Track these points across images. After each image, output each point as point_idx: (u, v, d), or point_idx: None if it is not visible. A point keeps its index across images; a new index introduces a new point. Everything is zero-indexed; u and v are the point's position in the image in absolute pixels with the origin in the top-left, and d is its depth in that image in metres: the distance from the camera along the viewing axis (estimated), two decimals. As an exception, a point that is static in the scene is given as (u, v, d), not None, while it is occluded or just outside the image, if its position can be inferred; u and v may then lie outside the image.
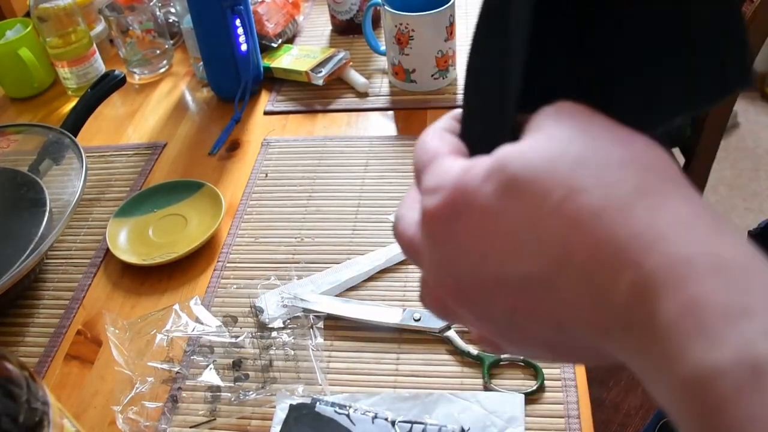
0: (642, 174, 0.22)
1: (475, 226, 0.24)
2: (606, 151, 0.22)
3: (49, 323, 0.71)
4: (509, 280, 0.23)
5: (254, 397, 0.61)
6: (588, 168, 0.22)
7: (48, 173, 0.81)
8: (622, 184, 0.22)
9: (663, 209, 0.21)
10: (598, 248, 0.21)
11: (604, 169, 0.22)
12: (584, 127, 0.23)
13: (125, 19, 1.04)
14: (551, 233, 0.22)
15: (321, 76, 0.97)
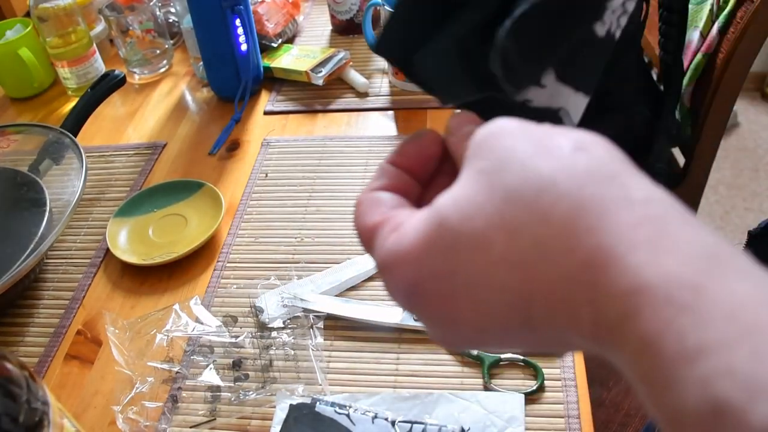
0: (575, 188, 0.21)
1: (434, 291, 0.24)
2: (536, 173, 0.22)
3: (49, 323, 0.71)
4: (486, 332, 0.24)
5: (254, 397, 0.61)
6: (518, 203, 0.22)
7: (48, 173, 0.81)
8: (555, 208, 0.21)
9: (602, 227, 0.20)
10: (553, 289, 0.21)
11: (536, 199, 0.21)
12: (511, 154, 0.23)
13: (125, 19, 1.04)
14: (507, 281, 0.22)
15: (321, 76, 0.97)
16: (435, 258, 0.23)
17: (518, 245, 0.21)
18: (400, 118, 0.94)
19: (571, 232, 0.21)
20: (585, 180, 0.21)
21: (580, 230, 0.20)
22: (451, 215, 0.23)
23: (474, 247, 0.22)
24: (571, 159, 0.22)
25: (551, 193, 0.21)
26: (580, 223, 0.21)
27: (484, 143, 0.24)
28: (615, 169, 0.22)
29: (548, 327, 0.22)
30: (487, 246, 0.22)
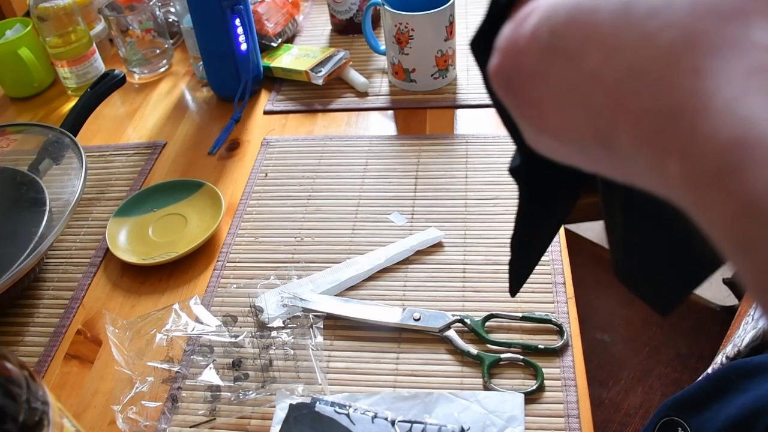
0: (690, 18, 0.18)
1: (525, 91, 0.23)
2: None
3: (49, 323, 0.71)
4: (566, 144, 0.23)
5: (254, 396, 0.61)
6: (623, 21, 0.20)
7: (48, 173, 0.81)
8: (662, 36, 0.19)
9: (710, 69, 0.18)
10: (641, 123, 0.19)
11: (644, 20, 0.19)
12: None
13: (125, 19, 1.04)
14: (595, 103, 0.21)
15: (321, 76, 0.97)
16: (533, 56, 0.22)
17: (613, 66, 0.20)
18: (399, 118, 0.94)
19: (673, 67, 0.18)
20: (705, 11, 0.18)
21: (683, 68, 0.18)
22: (556, 15, 0.22)
23: (569, 57, 0.21)
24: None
25: (662, 17, 0.19)
26: (686, 60, 0.18)
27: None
28: (745, 3, 0.19)
29: (630, 160, 0.20)
30: (583, 57, 0.21)
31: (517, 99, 0.24)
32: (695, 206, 0.19)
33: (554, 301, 0.66)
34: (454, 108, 0.93)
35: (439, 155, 0.86)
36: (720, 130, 0.17)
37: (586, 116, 0.21)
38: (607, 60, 0.20)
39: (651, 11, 0.19)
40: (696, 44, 0.18)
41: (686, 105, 0.18)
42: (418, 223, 0.77)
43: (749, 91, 0.17)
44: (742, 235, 0.17)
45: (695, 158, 0.18)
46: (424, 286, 0.69)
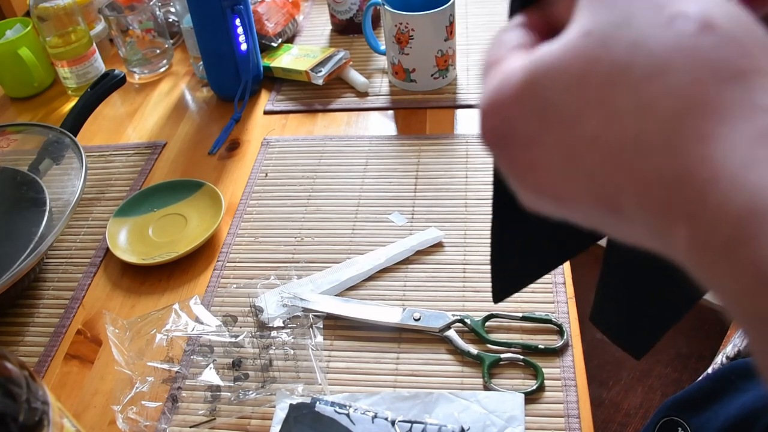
0: (691, 82, 0.18)
1: (520, 154, 0.22)
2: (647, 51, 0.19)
3: (49, 323, 0.71)
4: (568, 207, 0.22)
5: (254, 396, 0.61)
6: (622, 85, 0.19)
7: (48, 173, 0.81)
8: (664, 101, 0.18)
9: (717, 136, 0.17)
10: (647, 190, 0.19)
11: (643, 84, 0.18)
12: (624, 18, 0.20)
13: (125, 19, 1.04)
14: (596, 169, 0.20)
15: (321, 76, 0.97)
16: (524, 119, 0.21)
17: (614, 132, 0.19)
18: (399, 118, 0.94)
19: (678, 134, 0.18)
20: (706, 74, 0.18)
21: (689, 134, 0.18)
22: (546, 75, 0.21)
23: (565, 121, 0.20)
24: (694, 41, 0.18)
25: (662, 81, 0.18)
26: (691, 126, 0.18)
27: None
28: (744, 63, 0.18)
29: (634, 224, 0.20)
30: (580, 123, 0.20)
31: (511, 162, 0.23)
32: (703, 273, 0.18)
33: (554, 301, 0.66)
34: (454, 108, 0.93)
35: (440, 155, 0.86)
36: (731, 199, 0.17)
37: (587, 181, 0.20)
38: (607, 126, 0.19)
39: (649, 74, 0.19)
40: (699, 109, 0.18)
41: (694, 172, 0.17)
42: (418, 223, 0.77)
43: (758, 158, 0.17)
44: (756, 308, 0.16)
45: (704, 226, 0.17)
46: (424, 286, 0.69)
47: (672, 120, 0.18)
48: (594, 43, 0.20)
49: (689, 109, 0.18)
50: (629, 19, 0.19)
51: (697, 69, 0.18)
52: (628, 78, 0.19)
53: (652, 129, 0.18)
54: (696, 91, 0.18)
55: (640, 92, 0.19)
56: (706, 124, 0.18)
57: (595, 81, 0.19)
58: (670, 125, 0.18)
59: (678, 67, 0.18)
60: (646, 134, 0.18)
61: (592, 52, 0.20)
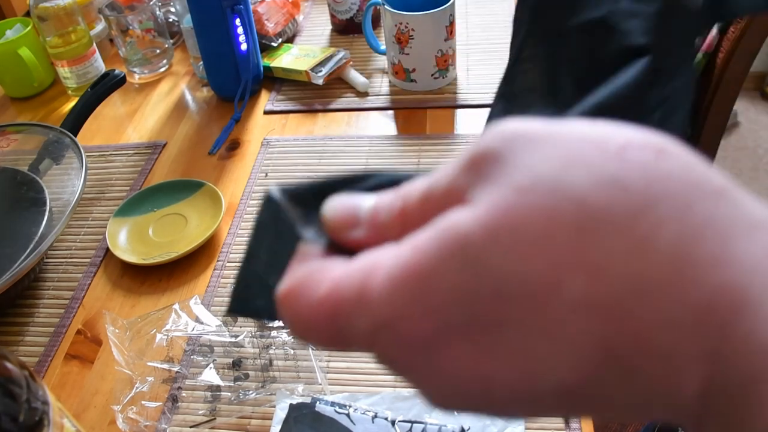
0: (681, 206, 0.16)
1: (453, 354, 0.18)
2: (620, 187, 0.17)
3: (49, 323, 0.71)
4: (525, 399, 0.18)
5: (254, 396, 0.61)
6: (602, 232, 0.16)
7: (48, 173, 0.81)
8: (659, 234, 0.16)
9: (729, 259, 0.16)
10: (648, 339, 0.16)
11: (630, 223, 0.16)
12: (567, 160, 0.17)
13: (125, 19, 1.04)
14: (577, 333, 0.17)
15: (321, 76, 0.97)
16: (461, 301, 0.17)
17: (604, 286, 0.16)
18: (400, 118, 0.94)
19: (685, 265, 0.16)
20: (690, 195, 0.16)
21: (699, 262, 0.16)
22: (483, 246, 0.17)
23: (529, 294, 0.17)
24: (661, 167, 0.17)
25: (652, 214, 0.16)
26: (699, 253, 0.16)
27: (510, 149, 0.18)
28: (717, 179, 0.17)
29: (623, 390, 0.17)
30: (557, 289, 0.16)
31: (439, 360, 0.18)
32: (713, 420, 0.16)
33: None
34: (454, 108, 0.93)
35: (440, 155, 0.85)
36: (755, 333, 0.15)
37: (565, 349, 0.17)
38: (594, 282, 0.16)
39: (634, 211, 0.16)
40: (702, 234, 0.16)
41: (715, 303, 0.15)
42: (419, 223, 0.76)
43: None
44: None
45: (729, 362, 0.15)
46: (424, 286, 0.69)
47: (674, 252, 0.16)
48: (542, 195, 0.17)
49: (690, 235, 0.16)
50: (571, 163, 0.17)
51: (681, 193, 0.16)
52: (607, 221, 0.16)
53: (651, 268, 0.16)
54: (690, 214, 0.16)
55: (628, 232, 0.16)
56: (715, 247, 0.16)
57: (564, 236, 0.16)
58: (672, 259, 0.16)
59: (662, 196, 0.16)
60: (645, 276, 0.16)
61: (546, 204, 0.17)
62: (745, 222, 0.16)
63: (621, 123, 0.18)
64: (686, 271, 0.16)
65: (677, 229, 0.16)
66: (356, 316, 0.18)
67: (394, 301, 0.18)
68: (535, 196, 0.17)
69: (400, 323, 0.18)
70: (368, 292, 0.18)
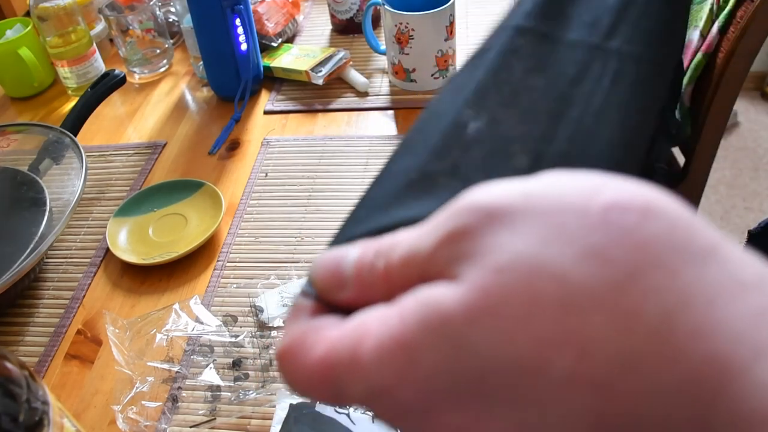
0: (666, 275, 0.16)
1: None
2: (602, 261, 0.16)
3: (49, 323, 0.71)
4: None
5: (254, 396, 0.61)
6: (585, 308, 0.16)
7: (48, 173, 0.81)
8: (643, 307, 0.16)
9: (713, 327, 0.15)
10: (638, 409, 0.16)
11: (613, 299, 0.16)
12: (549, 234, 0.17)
13: (125, 19, 1.04)
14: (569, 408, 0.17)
15: (321, 76, 0.97)
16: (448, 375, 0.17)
17: (592, 362, 0.16)
18: (400, 118, 0.94)
19: (671, 337, 0.16)
20: (676, 261, 0.16)
21: (681, 333, 0.16)
22: (465, 327, 0.17)
23: (516, 373, 0.16)
24: (646, 232, 0.16)
25: (638, 287, 0.16)
26: (681, 323, 0.16)
27: (487, 226, 0.18)
28: (706, 239, 0.17)
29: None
30: (542, 369, 0.16)
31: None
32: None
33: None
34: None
35: (440, 155, 0.85)
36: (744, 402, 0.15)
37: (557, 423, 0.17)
38: (583, 358, 0.16)
39: (618, 284, 0.16)
40: (687, 302, 0.16)
41: (698, 376, 0.15)
42: (419, 223, 0.76)
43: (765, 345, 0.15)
44: None
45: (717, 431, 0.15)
46: (424, 286, 0.69)
47: (658, 323, 0.16)
48: (522, 275, 0.17)
49: (673, 304, 0.16)
50: (551, 237, 0.17)
51: (666, 260, 0.16)
52: (591, 297, 0.16)
53: (637, 341, 0.16)
54: (675, 283, 0.16)
55: (613, 307, 0.16)
56: (698, 315, 0.16)
57: (548, 315, 0.16)
58: (656, 330, 0.16)
59: (646, 266, 0.16)
60: (631, 349, 0.16)
61: (526, 284, 0.16)
62: (734, 283, 0.16)
63: (602, 173, 0.18)
64: (673, 344, 0.16)
65: (663, 300, 0.16)
66: (350, 380, 0.19)
67: (383, 370, 0.18)
68: (515, 276, 0.17)
69: (392, 391, 0.18)
70: (360, 359, 0.18)
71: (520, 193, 0.18)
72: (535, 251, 0.17)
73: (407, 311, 0.18)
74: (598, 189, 0.17)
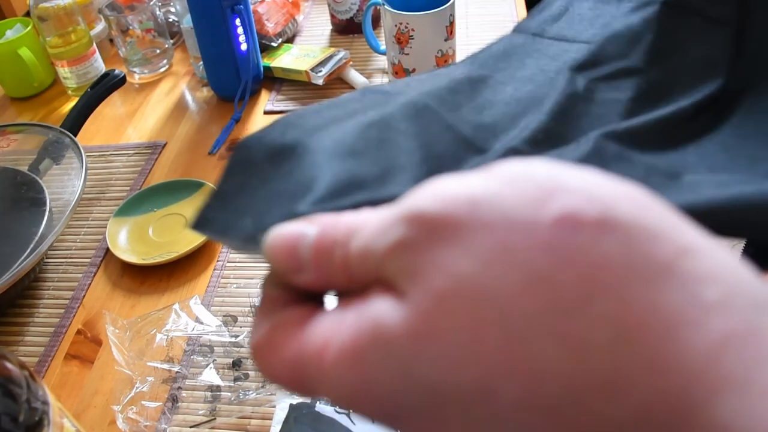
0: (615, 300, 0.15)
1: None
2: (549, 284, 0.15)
3: (49, 323, 0.71)
4: None
5: (254, 396, 0.61)
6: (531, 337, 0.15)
7: (48, 173, 0.81)
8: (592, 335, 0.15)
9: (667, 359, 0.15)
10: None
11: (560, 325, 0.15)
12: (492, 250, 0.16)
13: (125, 19, 1.04)
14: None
15: (321, 76, 0.97)
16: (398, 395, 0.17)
17: (540, 390, 0.15)
18: (400, 118, 0.94)
19: (621, 370, 0.15)
20: (630, 285, 0.15)
21: (634, 365, 0.15)
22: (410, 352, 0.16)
23: (464, 399, 0.16)
24: (596, 252, 0.15)
25: (583, 315, 0.15)
26: (634, 354, 0.15)
27: (434, 241, 0.17)
28: (666, 250, 0.15)
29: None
30: (490, 397, 0.16)
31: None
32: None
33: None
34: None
35: (440, 155, 0.85)
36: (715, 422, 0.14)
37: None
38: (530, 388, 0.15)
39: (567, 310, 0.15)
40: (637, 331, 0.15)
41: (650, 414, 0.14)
42: (419, 223, 0.76)
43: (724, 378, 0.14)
44: None
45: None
46: (424, 286, 0.69)
47: (608, 356, 0.15)
48: (464, 301, 0.16)
49: (623, 333, 0.15)
50: (496, 259, 0.16)
51: (618, 283, 0.15)
52: (536, 326, 0.15)
53: (591, 372, 0.15)
54: (628, 310, 0.15)
55: (560, 335, 0.15)
56: (650, 347, 0.15)
57: (491, 344, 0.15)
58: (607, 362, 0.15)
59: (596, 290, 0.15)
60: (581, 381, 0.15)
61: (469, 312, 0.16)
62: (694, 307, 0.15)
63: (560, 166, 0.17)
64: (624, 376, 0.15)
65: (614, 328, 0.15)
66: (318, 385, 0.19)
67: (343, 381, 0.18)
68: (457, 303, 0.16)
69: (353, 401, 0.18)
70: (323, 368, 0.18)
71: (467, 201, 0.17)
72: (477, 275, 0.16)
73: (360, 325, 0.18)
74: (551, 194, 0.16)
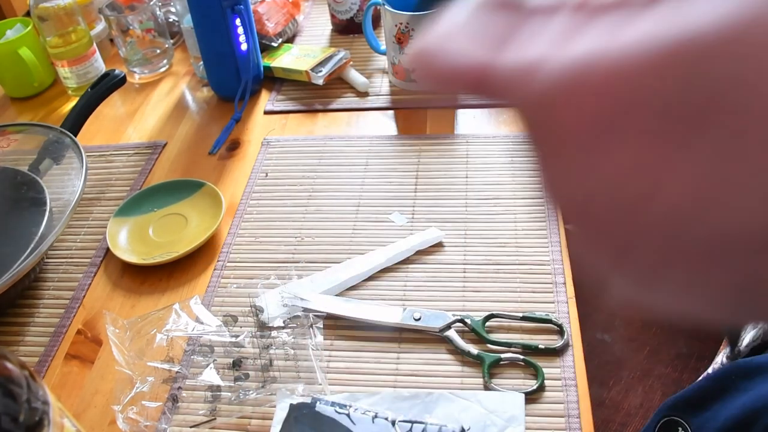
0: None
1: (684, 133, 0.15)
2: None
3: (49, 323, 0.71)
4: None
5: (254, 396, 0.61)
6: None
7: (48, 173, 0.81)
8: None
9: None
10: None
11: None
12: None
13: (125, 19, 1.04)
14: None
15: (321, 76, 0.97)
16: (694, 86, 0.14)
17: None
18: (400, 118, 0.94)
19: None
20: None
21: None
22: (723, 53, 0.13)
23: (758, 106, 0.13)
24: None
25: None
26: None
27: None
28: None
29: None
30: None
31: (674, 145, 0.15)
32: None
33: (554, 301, 0.66)
34: (455, 108, 0.93)
35: (440, 155, 0.86)
36: None
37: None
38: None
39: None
40: None
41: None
42: (419, 223, 0.77)
43: None
44: None
45: None
46: (424, 286, 0.69)
47: None
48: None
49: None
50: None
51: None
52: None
53: None
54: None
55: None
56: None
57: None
58: None
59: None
60: None
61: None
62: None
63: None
64: None
65: None
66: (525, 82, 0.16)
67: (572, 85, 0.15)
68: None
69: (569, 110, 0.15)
70: (540, 66, 0.15)
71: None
72: None
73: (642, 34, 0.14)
74: None
